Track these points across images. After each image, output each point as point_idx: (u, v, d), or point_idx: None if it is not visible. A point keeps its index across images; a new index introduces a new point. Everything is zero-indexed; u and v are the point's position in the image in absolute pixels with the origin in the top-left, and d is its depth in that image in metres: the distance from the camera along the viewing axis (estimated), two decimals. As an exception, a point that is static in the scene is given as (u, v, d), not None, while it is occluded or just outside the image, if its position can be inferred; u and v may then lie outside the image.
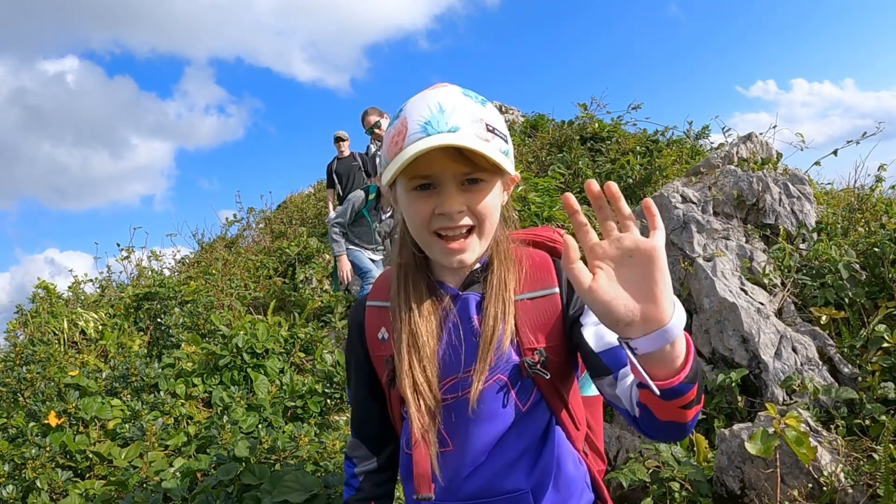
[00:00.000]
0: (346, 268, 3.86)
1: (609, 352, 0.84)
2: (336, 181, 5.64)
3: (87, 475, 2.28)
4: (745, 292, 2.61)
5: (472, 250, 0.89)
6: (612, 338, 0.83)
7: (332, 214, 4.93)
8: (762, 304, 2.53)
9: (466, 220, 0.87)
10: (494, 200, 0.88)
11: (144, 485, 2.07)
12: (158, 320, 3.79)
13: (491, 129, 0.84)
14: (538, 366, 0.92)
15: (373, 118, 4.59)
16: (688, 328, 2.70)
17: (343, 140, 5.60)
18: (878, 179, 3.67)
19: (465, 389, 0.91)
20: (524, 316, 0.93)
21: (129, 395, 2.77)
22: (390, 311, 0.99)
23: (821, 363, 2.26)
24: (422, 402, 0.92)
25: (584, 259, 0.72)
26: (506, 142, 0.87)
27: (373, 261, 3.98)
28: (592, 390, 1.08)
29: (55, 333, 3.64)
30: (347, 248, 3.86)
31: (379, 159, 4.91)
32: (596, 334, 0.87)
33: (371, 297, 1.04)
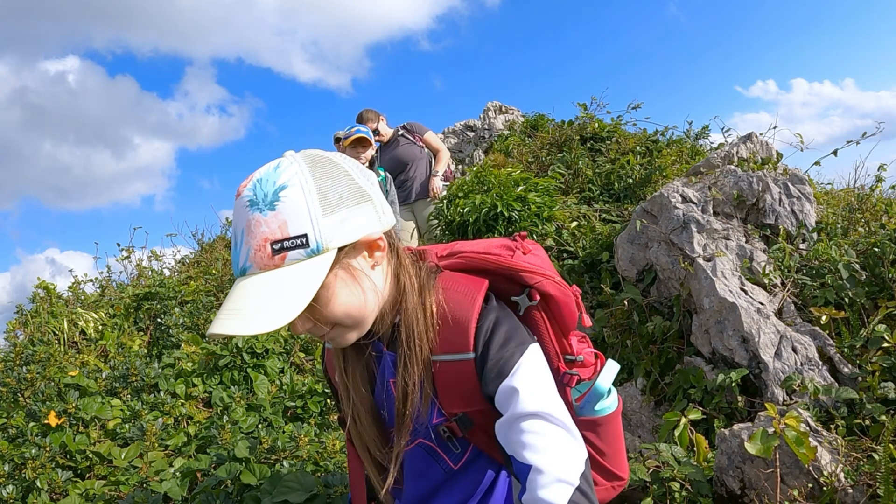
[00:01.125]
0: None
1: (518, 465, 0.79)
2: None
3: (87, 475, 2.28)
4: (745, 292, 2.61)
5: (344, 337, 0.85)
6: (523, 452, 0.77)
7: None
8: (762, 304, 2.53)
9: (321, 330, 0.83)
10: (340, 296, 0.80)
11: (144, 485, 2.07)
12: (158, 320, 3.79)
13: (278, 245, 0.74)
14: (455, 434, 0.88)
15: (371, 125, 4.51)
16: (688, 328, 2.71)
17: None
18: (878, 179, 3.67)
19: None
20: (442, 378, 0.87)
21: (129, 395, 2.77)
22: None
23: (821, 363, 2.26)
24: (367, 457, 0.95)
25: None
26: (304, 243, 0.75)
27: None
28: (595, 411, 1.01)
29: (55, 333, 3.64)
30: None
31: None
32: (507, 440, 0.81)
33: None
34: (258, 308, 0.72)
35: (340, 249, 0.79)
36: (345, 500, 1.73)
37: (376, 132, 4.42)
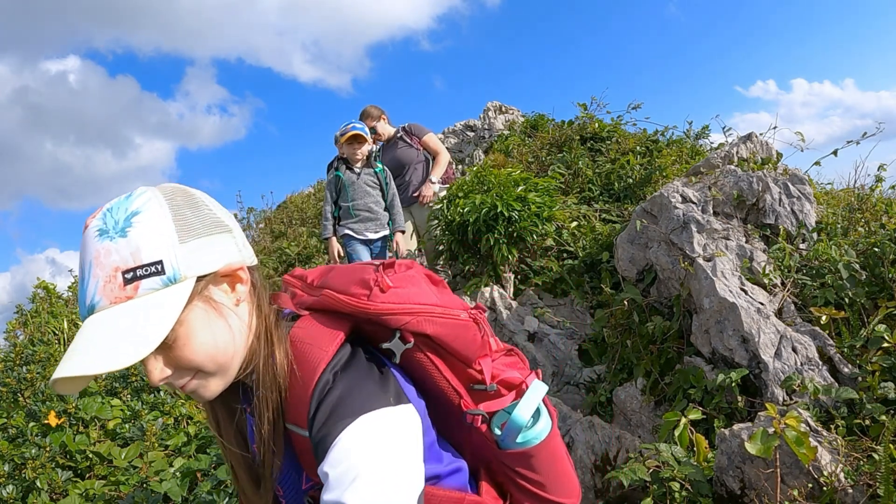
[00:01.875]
0: (334, 249, 3.80)
1: None
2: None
3: (87, 475, 2.28)
4: (745, 292, 2.61)
5: (207, 387, 0.76)
6: None
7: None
8: (762, 304, 2.53)
9: (181, 377, 0.74)
10: (201, 334, 0.72)
11: (144, 485, 2.07)
12: (158, 320, 3.78)
13: (131, 273, 0.67)
14: None
15: (370, 122, 4.47)
16: (688, 328, 2.71)
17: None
18: (878, 179, 3.67)
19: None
20: (298, 447, 0.78)
21: (129, 395, 2.77)
22: None
23: (821, 363, 2.26)
24: None
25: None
26: (160, 270, 0.68)
27: (370, 241, 3.85)
28: (518, 444, 0.90)
29: (55, 333, 3.64)
30: (345, 234, 3.81)
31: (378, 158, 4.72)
32: None
33: None
34: (109, 344, 0.64)
35: (200, 279, 0.72)
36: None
37: (373, 130, 4.39)
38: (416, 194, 4.44)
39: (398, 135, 4.49)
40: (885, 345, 2.15)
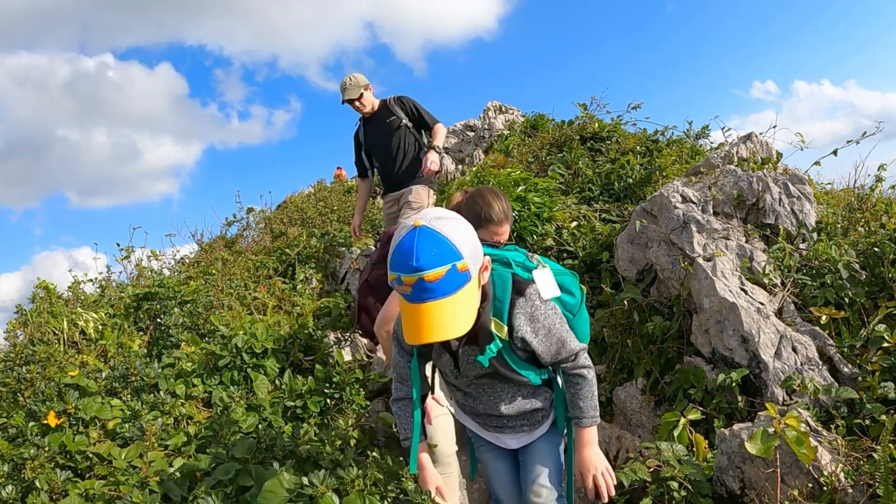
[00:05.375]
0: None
1: None
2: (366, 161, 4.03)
3: (87, 475, 2.28)
4: (745, 292, 2.60)
5: None
6: None
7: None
8: (762, 303, 2.53)
9: None
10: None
11: (144, 485, 2.07)
12: (158, 320, 3.78)
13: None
14: None
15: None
16: (688, 328, 2.71)
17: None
18: (878, 179, 3.66)
19: None
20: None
21: (129, 395, 2.77)
22: None
23: (821, 363, 2.26)
24: None
25: None
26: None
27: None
28: None
29: (55, 333, 3.63)
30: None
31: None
32: None
33: None
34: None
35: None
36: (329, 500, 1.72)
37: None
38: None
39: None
40: (885, 345, 2.15)
